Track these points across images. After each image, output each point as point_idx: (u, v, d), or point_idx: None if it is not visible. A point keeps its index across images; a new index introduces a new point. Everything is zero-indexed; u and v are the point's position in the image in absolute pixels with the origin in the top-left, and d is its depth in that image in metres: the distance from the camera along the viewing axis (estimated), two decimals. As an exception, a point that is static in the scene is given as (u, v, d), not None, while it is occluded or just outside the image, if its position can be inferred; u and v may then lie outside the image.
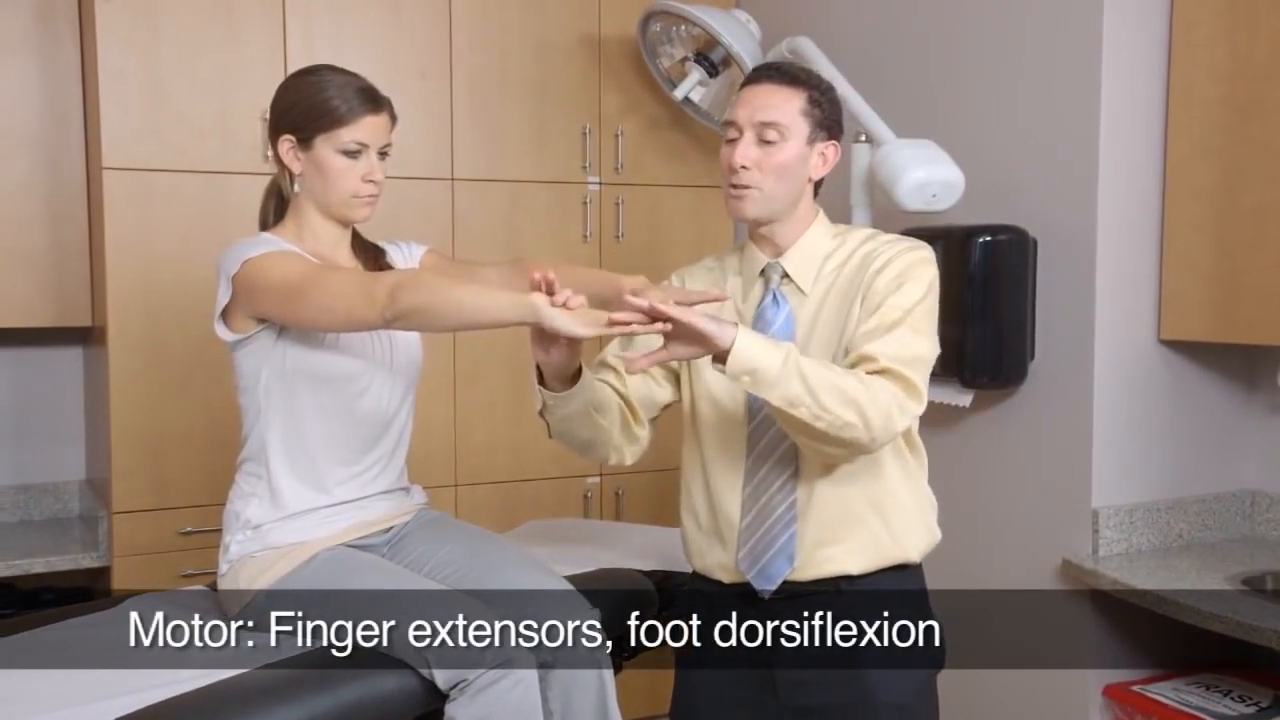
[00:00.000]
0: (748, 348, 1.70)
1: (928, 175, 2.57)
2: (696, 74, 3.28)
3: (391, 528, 2.09)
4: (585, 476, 3.55)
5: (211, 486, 2.86)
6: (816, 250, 1.95)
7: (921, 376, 1.84)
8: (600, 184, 3.51)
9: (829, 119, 1.92)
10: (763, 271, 1.96)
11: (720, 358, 1.71)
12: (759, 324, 1.92)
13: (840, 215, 3.05)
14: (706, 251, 3.64)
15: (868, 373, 1.79)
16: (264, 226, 2.09)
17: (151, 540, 2.97)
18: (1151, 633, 2.72)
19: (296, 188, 2.02)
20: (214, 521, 2.32)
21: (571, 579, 2.07)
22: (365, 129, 1.98)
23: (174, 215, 2.99)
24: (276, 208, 2.08)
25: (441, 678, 1.79)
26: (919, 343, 1.85)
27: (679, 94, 3.31)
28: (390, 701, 1.79)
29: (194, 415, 3.00)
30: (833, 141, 1.94)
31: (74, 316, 3.12)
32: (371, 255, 2.13)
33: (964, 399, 2.84)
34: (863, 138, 2.71)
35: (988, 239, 2.71)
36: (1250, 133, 2.50)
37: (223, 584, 1.99)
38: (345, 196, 2.00)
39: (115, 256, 2.94)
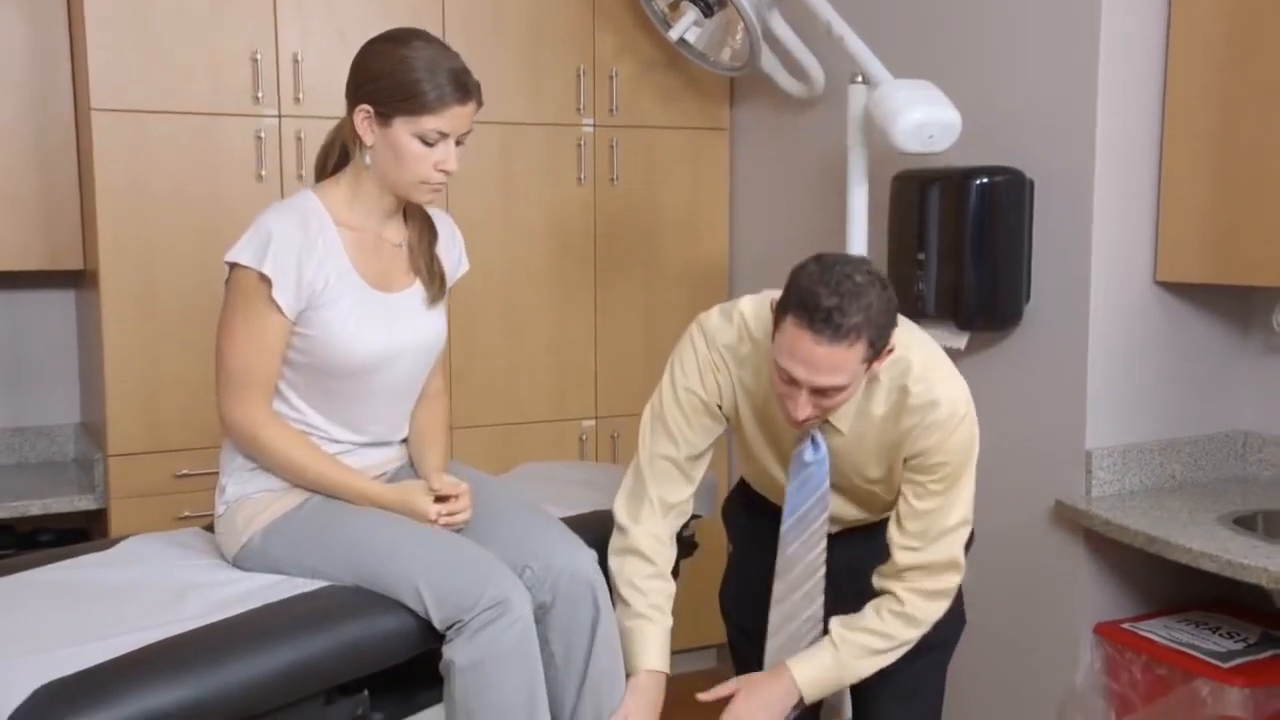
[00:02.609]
0: (809, 677, 1.95)
1: (925, 116, 2.55)
2: (692, 14, 3.24)
3: (387, 471, 2.10)
4: (581, 419, 3.56)
5: (207, 429, 2.86)
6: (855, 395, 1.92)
7: (962, 548, 1.97)
8: (594, 126, 3.48)
9: (885, 336, 1.80)
10: None
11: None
12: (795, 464, 1.98)
13: (837, 157, 3.04)
14: (702, 196, 3.66)
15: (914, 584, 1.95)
16: (320, 175, 2.03)
17: (148, 483, 2.98)
18: (1143, 572, 2.74)
19: (367, 160, 1.93)
20: (210, 464, 2.33)
21: (567, 520, 2.08)
22: (450, 119, 1.89)
23: (165, 157, 2.97)
24: (338, 161, 2.01)
25: (438, 618, 1.80)
26: (963, 531, 1.97)
27: (674, 35, 3.28)
28: (388, 642, 1.80)
29: (188, 358, 2.99)
30: (889, 347, 1.83)
31: (65, 260, 3.10)
32: (424, 231, 2.07)
33: (959, 341, 2.84)
34: (860, 78, 2.68)
35: (984, 181, 2.69)
36: (1251, 71, 2.48)
37: (219, 525, 1.99)
38: (415, 181, 1.92)
39: (106, 199, 2.92)
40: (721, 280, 3.73)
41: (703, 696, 1.98)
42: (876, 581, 1.98)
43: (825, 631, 2.01)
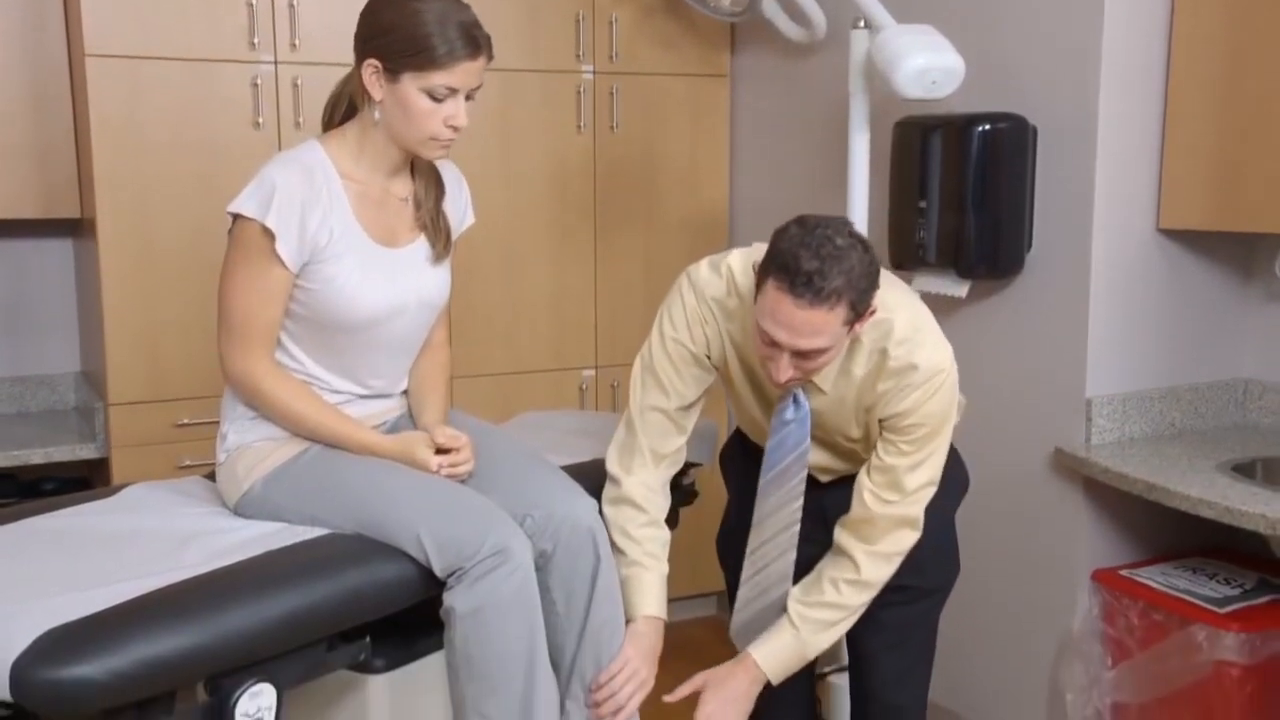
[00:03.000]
0: (774, 665, 2.01)
1: (927, 62, 2.52)
2: (692, -43, 3.20)
3: (386, 420, 2.10)
4: (581, 369, 3.56)
5: (208, 378, 2.86)
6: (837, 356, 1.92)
7: (923, 510, 1.98)
8: (594, 73, 3.45)
9: (866, 299, 1.80)
10: None
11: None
12: (775, 422, 1.99)
13: (838, 104, 3.01)
14: (702, 144, 3.63)
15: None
16: (327, 125, 2.01)
17: (148, 432, 2.99)
18: (1142, 520, 2.75)
19: (376, 115, 1.90)
20: (211, 413, 2.33)
21: (566, 469, 2.08)
22: (459, 74, 1.86)
23: (161, 104, 2.94)
24: (346, 112, 1.98)
25: (439, 566, 1.81)
26: (927, 492, 1.97)
27: (674, -22, 3.24)
28: (389, 589, 1.81)
29: (188, 307, 2.99)
30: (871, 309, 1.83)
31: (62, 208, 3.09)
32: (431, 186, 2.06)
33: (960, 290, 2.83)
34: (861, 23, 2.66)
35: (987, 127, 2.67)
36: (1257, 18, 2.45)
37: (220, 473, 2.00)
38: (423, 137, 1.90)
39: (102, 146, 2.90)
40: (721, 228, 3.72)
41: (669, 698, 2.00)
42: (837, 534, 2.00)
43: (795, 582, 2.05)
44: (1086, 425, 2.66)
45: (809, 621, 1.98)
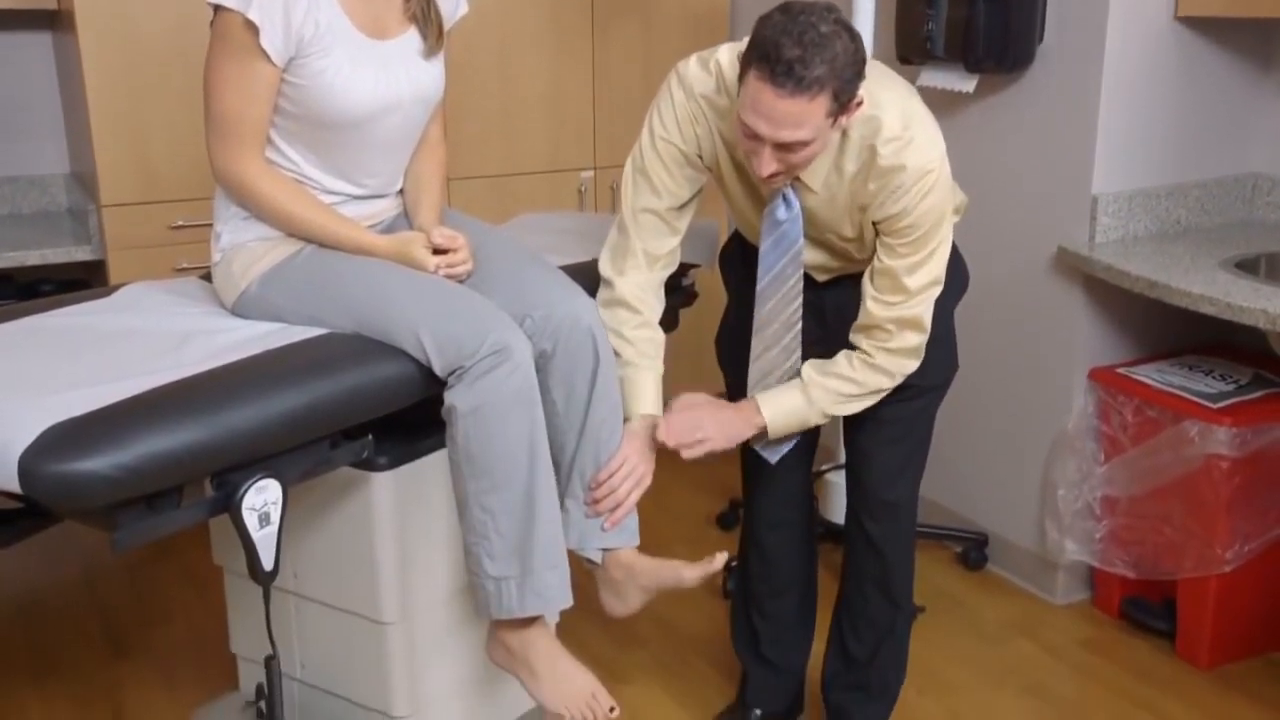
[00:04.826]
0: (775, 414, 2.00)
1: None
2: None
3: (383, 220, 2.07)
4: (580, 170, 3.50)
5: (200, 179, 2.81)
6: (827, 151, 1.86)
7: (928, 310, 1.95)
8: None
9: (851, 89, 1.73)
10: None
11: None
12: (768, 223, 1.95)
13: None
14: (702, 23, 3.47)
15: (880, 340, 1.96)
16: None
17: (143, 234, 2.96)
18: (1142, 318, 2.75)
19: None
20: (205, 215, 2.29)
21: (565, 269, 2.07)
22: None
23: (134, -112, 2.80)
24: None
25: (439, 365, 1.81)
26: (932, 292, 1.94)
27: None
28: (389, 387, 1.82)
29: (175, 105, 2.92)
30: (856, 100, 1.77)
31: (37, -3, 2.97)
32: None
33: (967, 84, 2.76)
34: None
35: (1002, -91, 2.55)
36: None
37: (216, 274, 1.98)
38: None
39: (76, -67, 2.77)
40: (722, 25, 3.60)
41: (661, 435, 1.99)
42: (851, 336, 1.99)
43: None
44: (1091, 224, 2.63)
45: (819, 387, 1.98)
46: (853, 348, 1.99)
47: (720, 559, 1.95)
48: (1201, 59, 2.67)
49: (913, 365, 1.98)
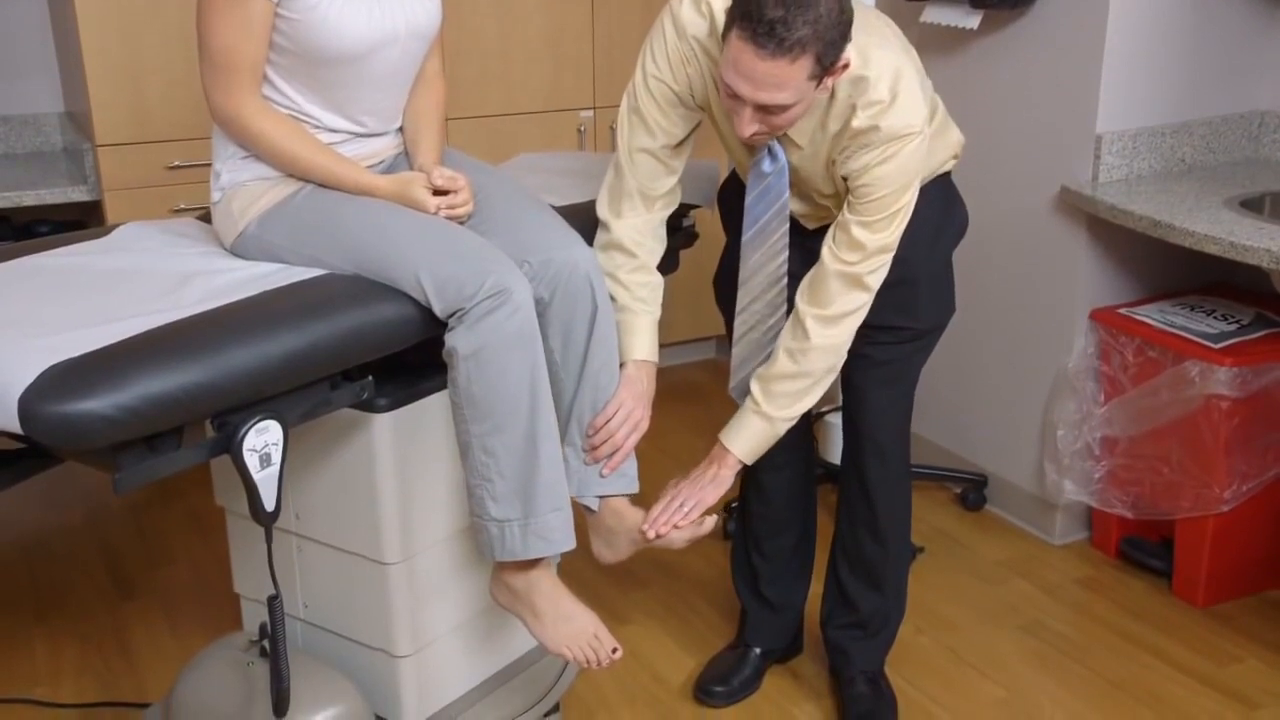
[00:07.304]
0: (748, 450, 2.01)
1: None
2: None
3: (384, 160, 2.05)
4: (579, 110, 3.47)
5: (197, 119, 2.79)
6: (814, 108, 1.84)
7: (875, 275, 1.92)
8: None
9: (835, 51, 1.70)
10: None
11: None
12: (754, 176, 1.95)
13: None
14: None
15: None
16: None
17: (139, 174, 2.94)
18: (1144, 259, 2.74)
19: None
20: (203, 155, 2.28)
21: (563, 210, 2.05)
22: None
23: None
24: None
25: (439, 307, 1.80)
26: (882, 259, 1.91)
27: None
28: (389, 328, 1.81)
29: (170, 43, 2.88)
30: (842, 63, 1.74)
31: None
32: None
33: (971, 21, 2.72)
34: None
35: None
36: None
37: (215, 213, 1.97)
38: None
39: None
40: (724, -42, 3.54)
41: (646, 528, 1.97)
42: (796, 298, 1.97)
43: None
44: (1095, 163, 2.61)
45: (772, 398, 1.98)
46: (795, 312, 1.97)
47: (709, 523, 1.97)
48: (1210, -6, 2.64)
49: (848, 333, 1.95)
